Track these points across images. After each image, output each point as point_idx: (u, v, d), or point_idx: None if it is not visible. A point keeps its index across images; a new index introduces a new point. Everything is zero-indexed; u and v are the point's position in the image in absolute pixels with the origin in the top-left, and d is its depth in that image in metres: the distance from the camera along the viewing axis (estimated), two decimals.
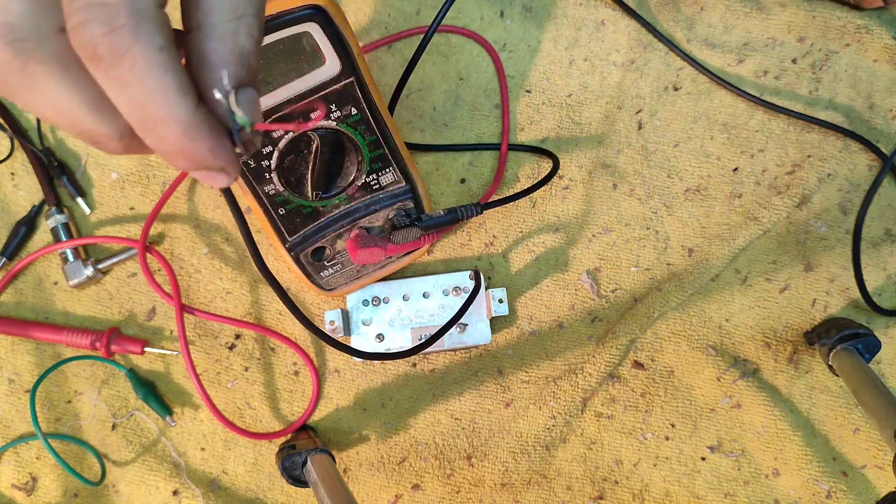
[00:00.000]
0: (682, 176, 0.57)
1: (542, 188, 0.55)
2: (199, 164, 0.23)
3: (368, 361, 0.54)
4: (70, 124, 0.22)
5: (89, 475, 0.53)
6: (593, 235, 0.56)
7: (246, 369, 0.54)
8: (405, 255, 0.52)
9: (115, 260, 0.54)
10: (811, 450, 0.54)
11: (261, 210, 0.46)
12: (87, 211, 0.55)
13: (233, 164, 0.24)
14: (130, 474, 0.53)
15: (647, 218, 0.56)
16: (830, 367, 0.52)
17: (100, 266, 0.53)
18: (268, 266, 0.42)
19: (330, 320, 0.52)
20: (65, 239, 0.53)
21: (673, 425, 0.54)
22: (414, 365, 0.55)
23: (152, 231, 0.55)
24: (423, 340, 0.51)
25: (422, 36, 0.57)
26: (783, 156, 0.57)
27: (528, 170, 0.56)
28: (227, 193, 0.36)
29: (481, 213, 0.51)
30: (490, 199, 0.55)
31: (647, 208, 0.57)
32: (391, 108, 0.54)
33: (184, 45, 0.23)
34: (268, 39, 0.38)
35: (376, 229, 0.49)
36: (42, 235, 0.55)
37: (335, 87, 0.41)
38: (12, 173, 0.55)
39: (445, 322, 0.51)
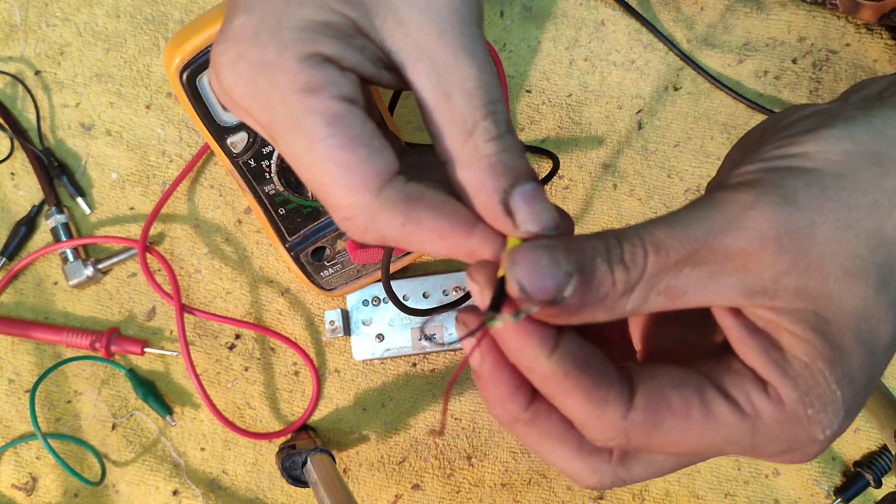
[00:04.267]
0: (682, 176, 0.57)
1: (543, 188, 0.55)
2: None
3: (368, 361, 0.54)
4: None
5: (89, 475, 0.53)
6: None
7: (246, 369, 0.54)
8: (405, 255, 0.52)
9: (115, 260, 0.54)
10: None
11: (261, 210, 0.46)
12: (87, 211, 0.55)
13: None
14: (130, 474, 0.53)
15: (647, 218, 0.56)
16: None
17: (100, 266, 0.53)
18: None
19: (330, 320, 0.52)
20: (65, 239, 0.53)
21: None
22: (414, 365, 0.55)
23: (152, 231, 0.55)
24: (455, 297, 0.51)
25: None
26: None
27: None
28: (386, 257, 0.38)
29: None
30: None
31: (648, 208, 0.57)
32: (391, 108, 0.54)
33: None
34: None
35: None
36: (42, 235, 0.55)
37: None
38: (12, 173, 0.55)
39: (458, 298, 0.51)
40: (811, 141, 0.22)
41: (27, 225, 0.54)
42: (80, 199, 0.54)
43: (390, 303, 0.53)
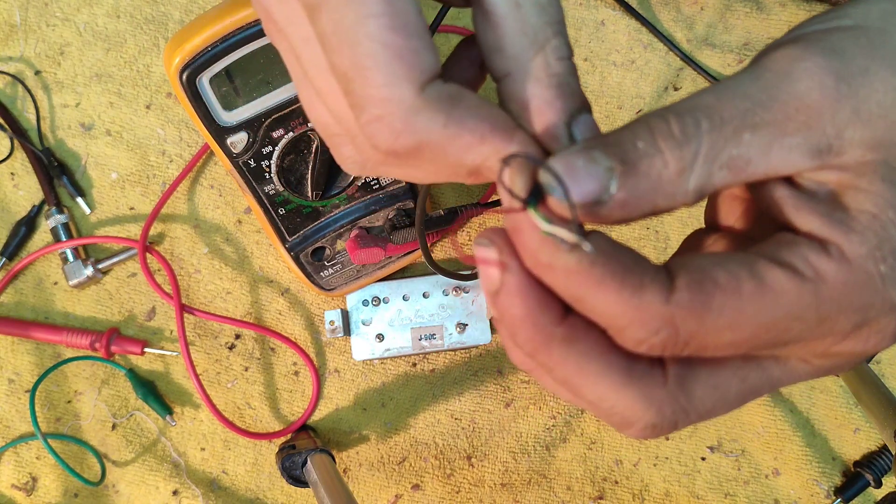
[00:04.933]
0: None
1: None
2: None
3: (368, 361, 0.54)
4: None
5: (89, 475, 0.53)
6: None
7: (246, 369, 0.54)
8: (405, 255, 0.52)
9: (115, 260, 0.54)
10: (811, 450, 0.54)
11: (261, 210, 0.46)
12: (87, 211, 0.55)
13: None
14: (130, 474, 0.53)
15: (647, 225, 0.56)
16: None
17: (100, 266, 0.53)
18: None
19: (330, 320, 0.52)
20: (65, 239, 0.53)
21: None
22: (414, 365, 0.55)
23: (152, 231, 0.55)
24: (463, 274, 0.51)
25: None
26: None
27: None
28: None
29: (481, 213, 0.51)
30: (490, 199, 0.54)
31: None
32: None
33: (499, 95, 0.23)
34: (268, 39, 0.38)
35: (376, 229, 0.49)
36: (42, 235, 0.55)
37: None
38: (12, 173, 0.55)
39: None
40: (849, 6, 0.21)
41: (27, 225, 0.54)
42: (80, 199, 0.54)
43: (391, 303, 0.53)
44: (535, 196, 0.19)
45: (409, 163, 0.22)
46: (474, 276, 0.45)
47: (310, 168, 0.44)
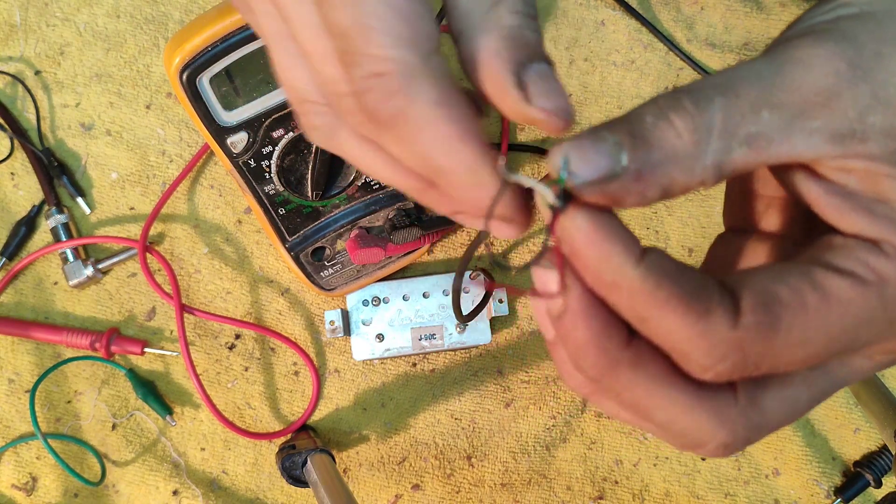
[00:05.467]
0: None
1: None
2: (488, 213, 0.21)
3: (368, 361, 0.54)
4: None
5: (89, 475, 0.53)
6: None
7: (246, 369, 0.54)
8: (405, 255, 0.52)
9: (115, 260, 0.54)
10: (811, 450, 0.54)
11: (261, 210, 0.46)
12: (87, 211, 0.55)
13: (521, 212, 0.22)
14: (130, 474, 0.53)
15: (647, 218, 0.56)
16: None
17: (100, 266, 0.53)
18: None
19: (330, 320, 0.52)
20: (65, 239, 0.53)
21: None
22: (414, 365, 0.55)
23: (152, 231, 0.55)
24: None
25: None
26: None
27: (528, 170, 0.56)
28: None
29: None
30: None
31: (647, 208, 0.57)
32: None
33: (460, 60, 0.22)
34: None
35: (376, 229, 0.49)
36: (42, 235, 0.55)
37: None
38: (12, 173, 0.55)
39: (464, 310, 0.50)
40: None
41: (27, 225, 0.54)
42: (80, 199, 0.54)
43: (391, 303, 0.53)
44: (564, 199, 0.19)
45: (382, 135, 0.21)
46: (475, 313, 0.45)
47: (310, 168, 0.44)
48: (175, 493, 0.53)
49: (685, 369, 0.20)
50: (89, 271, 0.53)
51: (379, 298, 0.53)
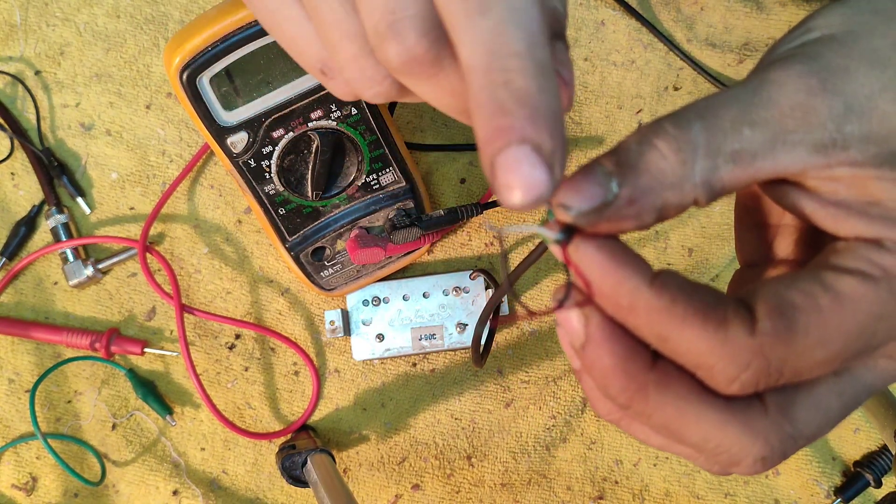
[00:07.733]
0: None
1: None
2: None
3: (368, 361, 0.54)
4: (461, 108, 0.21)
5: (89, 475, 0.53)
6: None
7: (246, 369, 0.54)
8: (405, 255, 0.52)
9: (115, 260, 0.54)
10: (811, 450, 0.54)
11: (261, 210, 0.46)
12: (87, 211, 0.55)
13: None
14: (130, 474, 0.53)
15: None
16: None
17: (100, 266, 0.53)
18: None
19: (330, 320, 0.52)
20: (65, 239, 0.53)
21: None
22: (414, 365, 0.55)
23: (152, 231, 0.55)
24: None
25: None
26: None
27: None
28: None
29: (481, 213, 0.51)
30: (490, 199, 0.55)
31: None
32: (391, 108, 0.54)
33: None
34: (268, 39, 0.38)
35: (376, 229, 0.49)
36: (42, 235, 0.55)
37: None
38: (12, 173, 0.55)
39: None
40: (810, 22, 0.22)
41: (27, 225, 0.54)
42: (80, 199, 0.54)
43: (391, 303, 0.53)
44: (567, 233, 0.20)
45: (425, 74, 0.20)
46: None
47: (310, 168, 0.44)
48: (175, 493, 0.53)
49: (711, 385, 0.20)
50: (89, 271, 0.53)
51: (379, 298, 0.53)
